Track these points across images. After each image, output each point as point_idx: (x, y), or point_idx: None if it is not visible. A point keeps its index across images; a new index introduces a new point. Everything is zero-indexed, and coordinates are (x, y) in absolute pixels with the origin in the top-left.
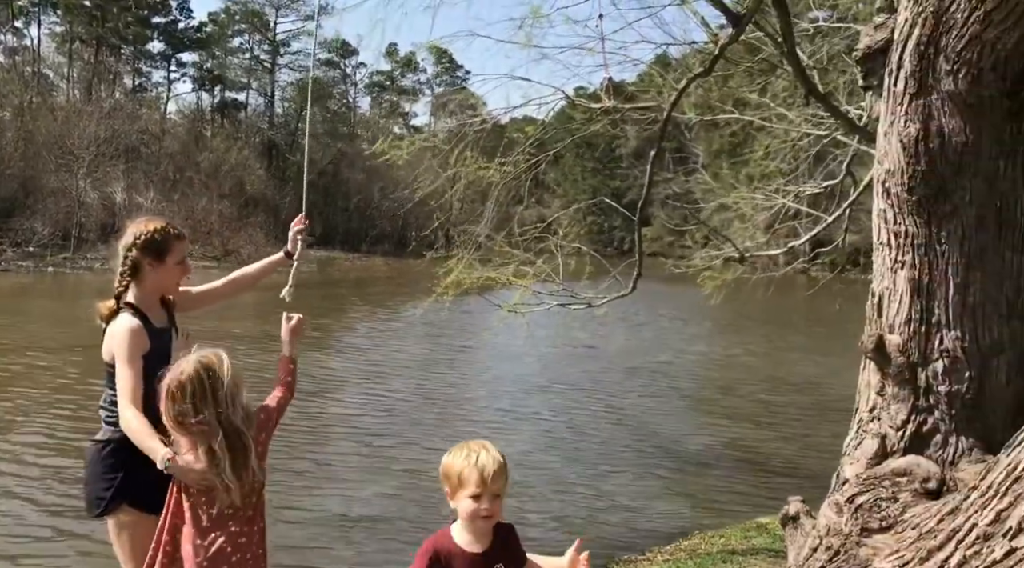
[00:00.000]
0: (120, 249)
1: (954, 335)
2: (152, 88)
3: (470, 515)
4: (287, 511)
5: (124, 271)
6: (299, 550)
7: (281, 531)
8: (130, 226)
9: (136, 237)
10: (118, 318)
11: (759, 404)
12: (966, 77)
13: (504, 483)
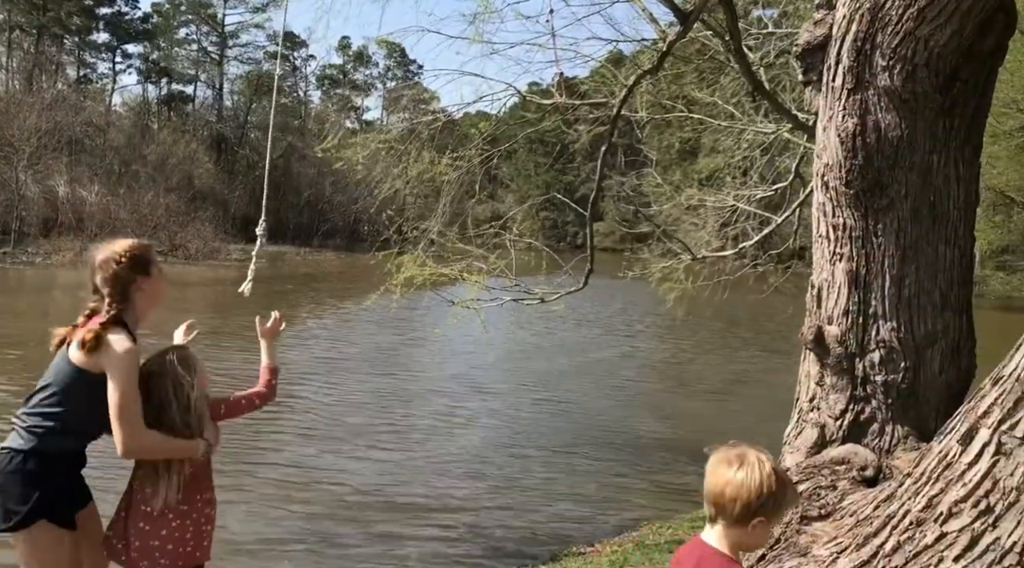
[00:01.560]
0: (101, 276)
1: (890, 326)
2: (97, 80)
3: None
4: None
5: (114, 294)
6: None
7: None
8: (101, 252)
9: (120, 257)
10: (112, 337)
11: (705, 398)
12: (901, 73)
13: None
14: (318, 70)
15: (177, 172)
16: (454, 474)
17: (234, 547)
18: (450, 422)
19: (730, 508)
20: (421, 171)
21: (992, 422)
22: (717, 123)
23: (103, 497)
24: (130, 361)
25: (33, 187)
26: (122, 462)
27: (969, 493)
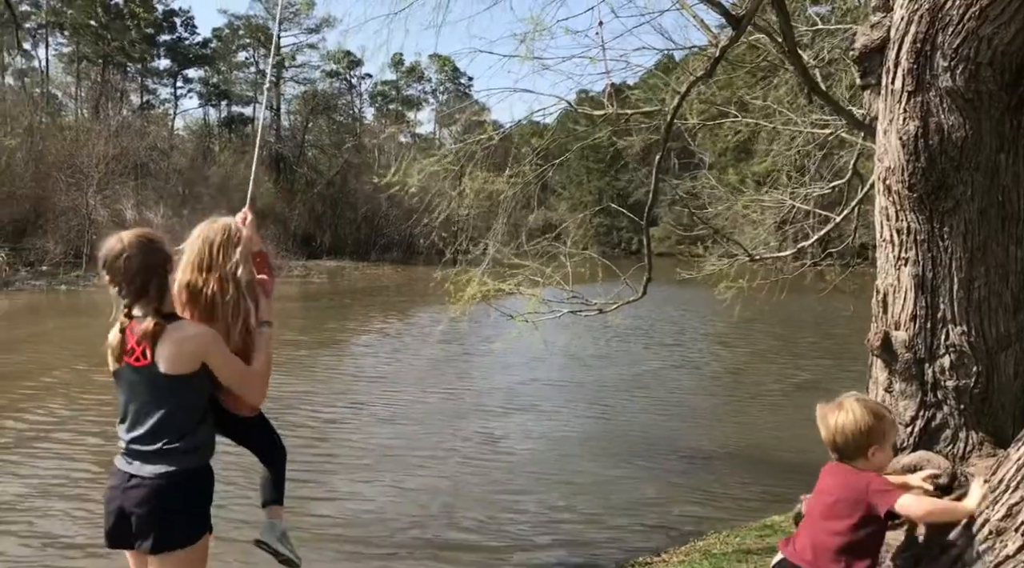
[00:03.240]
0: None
1: (960, 330)
2: (159, 105)
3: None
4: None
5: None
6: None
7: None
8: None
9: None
10: (181, 326)
11: (765, 406)
12: (963, 73)
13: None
14: (371, 88)
15: (238, 192)
16: (512, 488)
17: None
18: (506, 435)
19: (845, 448)
20: (477, 190)
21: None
22: (771, 125)
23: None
24: (217, 337)
25: (102, 211)
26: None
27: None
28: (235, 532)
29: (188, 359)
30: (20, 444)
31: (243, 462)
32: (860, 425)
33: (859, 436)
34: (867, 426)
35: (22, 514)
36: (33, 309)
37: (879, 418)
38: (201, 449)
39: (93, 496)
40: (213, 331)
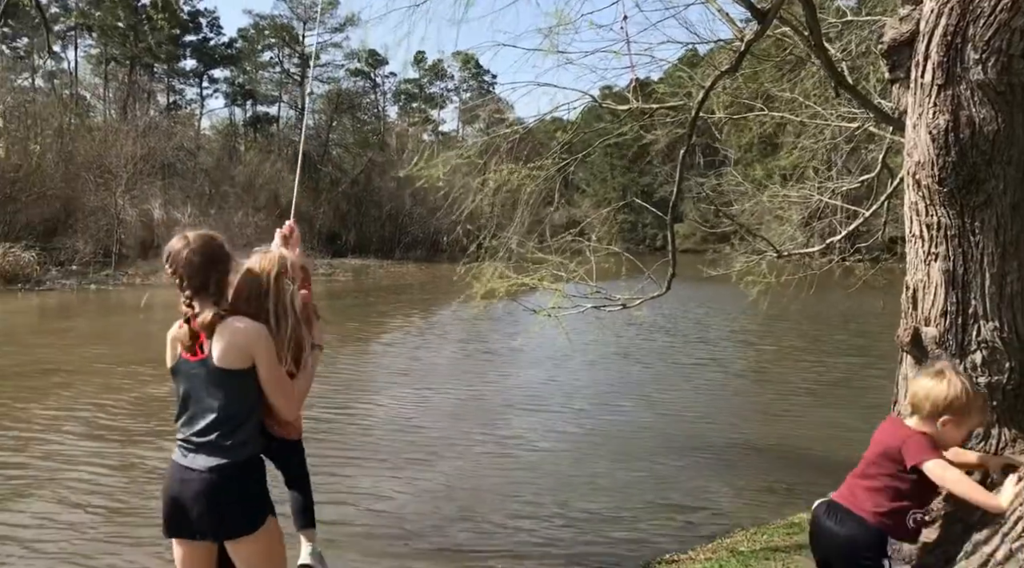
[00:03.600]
0: (201, 264)
1: (992, 326)
2: (186, 105)
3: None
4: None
5: (207, 281)
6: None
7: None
8: (185, 239)
9: (217, 245)
10: (237, 322)
11: (792, 403)
12: (995, 65)
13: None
14: (394, 86)
15: (264, 191)
16: (538, 483)
17: None
18: (526, 433)
19: (922, 406)
20: (500, 184)
21: None
22: (798, 119)
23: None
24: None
25: (130, 211)
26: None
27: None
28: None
29: (239, 352)
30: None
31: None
32: (947, 393)
33: (940, 402)
34: (953, 397)
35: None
36: (63, 308)
37: (970, 400)
38: (252, 442)
39: (118, 494)
40: (262, 328)
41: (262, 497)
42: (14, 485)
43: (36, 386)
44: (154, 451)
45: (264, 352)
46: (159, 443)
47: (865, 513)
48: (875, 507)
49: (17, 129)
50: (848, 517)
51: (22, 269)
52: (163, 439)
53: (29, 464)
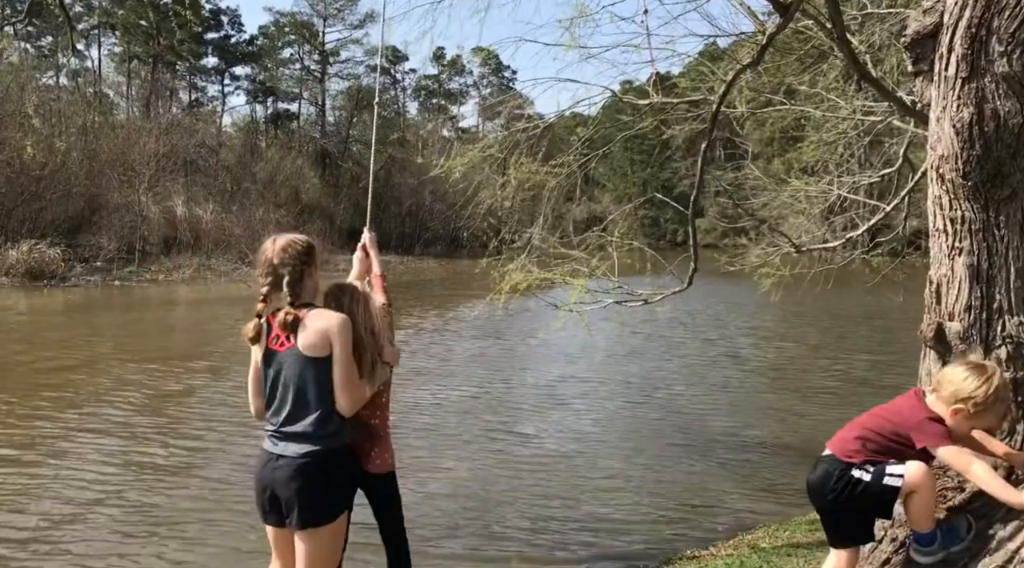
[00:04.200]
0: (284, 263)
1: (1017, 321)
2: (207, 102)
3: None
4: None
5: (296, 279)
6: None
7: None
8: (279, 242)
9: (303, 247)
10: (321, 314)
11: (813, 399)
12: (1021, 58)
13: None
14: (414, 82)
15: (285, 188)
16: (555, 480)
17: None
18: (549, 426)
19: (943, 389)
20: (521, 179)
21: None
22: (820, 113)
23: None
24: (350, 330)
25: (153, 208)
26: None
27: None
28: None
29: (321, 339)
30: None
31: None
32: (973, 387)
33: (961, 391)
34: (975, 392)
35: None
36: (88, 304)
37: (992, 401)
38: (339, 433)
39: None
40: (346, 319)
41: (346, 489)
42: (22, 484)
43: (54, 382)
44: (159, 448)
45: (341, 338)
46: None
47: (840, 454)
48: (852, 455)
49: (42, 127)
50: (821, 461)
51: (47, 266)
52: (171, 437)
53: (40, 462)
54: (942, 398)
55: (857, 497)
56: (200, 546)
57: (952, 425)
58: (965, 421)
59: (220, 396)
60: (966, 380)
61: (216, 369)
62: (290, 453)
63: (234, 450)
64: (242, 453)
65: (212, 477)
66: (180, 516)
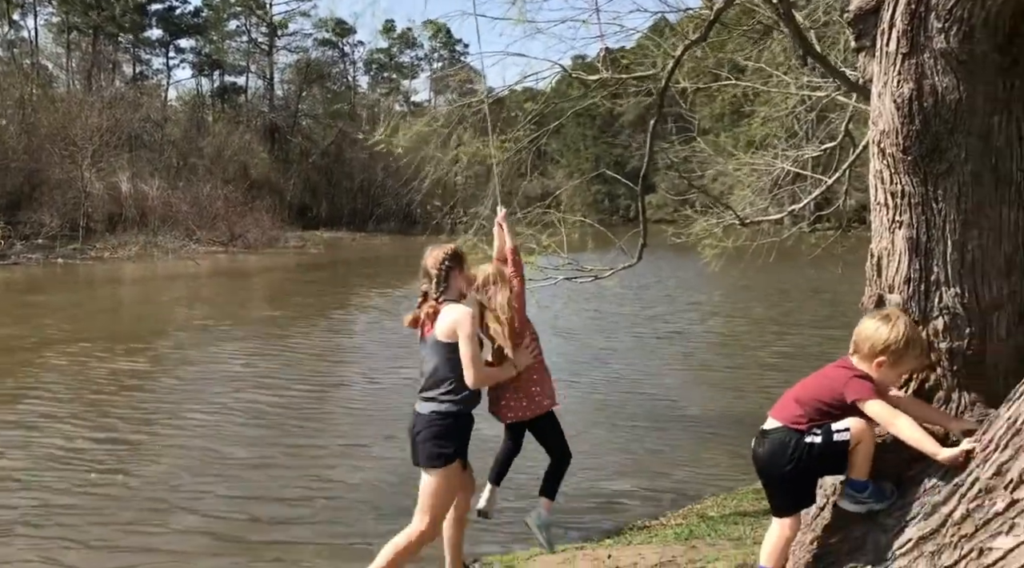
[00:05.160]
0: (431, 268)
1: (954, 292)
2: (152, 75)
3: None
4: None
5: (440, 279)
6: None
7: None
8: (432, 251)
9: (446, 254)
10: (452, 308)
11: (761, 370)
12: (957, 34)
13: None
14: (365, 55)
15: (233, 163)
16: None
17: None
18: None
19: (862, 346)
20: (470, 154)
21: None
22: (765, 89)
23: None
24: (472, 320)
25: (97, 184)
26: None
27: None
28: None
29: (449, 329)
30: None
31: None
32: (887, 336)
33: (878, 343)
34: (892, 340)
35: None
36: (30, 283)
37: (908, 343)
38: (461, 400)
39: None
40: (470, 312)
41: (452, 445)
42: None
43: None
44: (85, 442)
45: (464, 328)
46: (90, 434)
47: (786, 421)
48: (798, 421)
49: None
50: (768, 435)
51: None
52: (97, 430)
53: None
54: (864, 356)
55: (815, 459)
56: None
57: (880, 378)
58: (890, 370)
59: (156, 384)
60: (878, 331)
61: (157, 354)
62: (421, 410)
63: (157, 443)
64: (164, 445)
65: (138, 473)
66: (76, 514)
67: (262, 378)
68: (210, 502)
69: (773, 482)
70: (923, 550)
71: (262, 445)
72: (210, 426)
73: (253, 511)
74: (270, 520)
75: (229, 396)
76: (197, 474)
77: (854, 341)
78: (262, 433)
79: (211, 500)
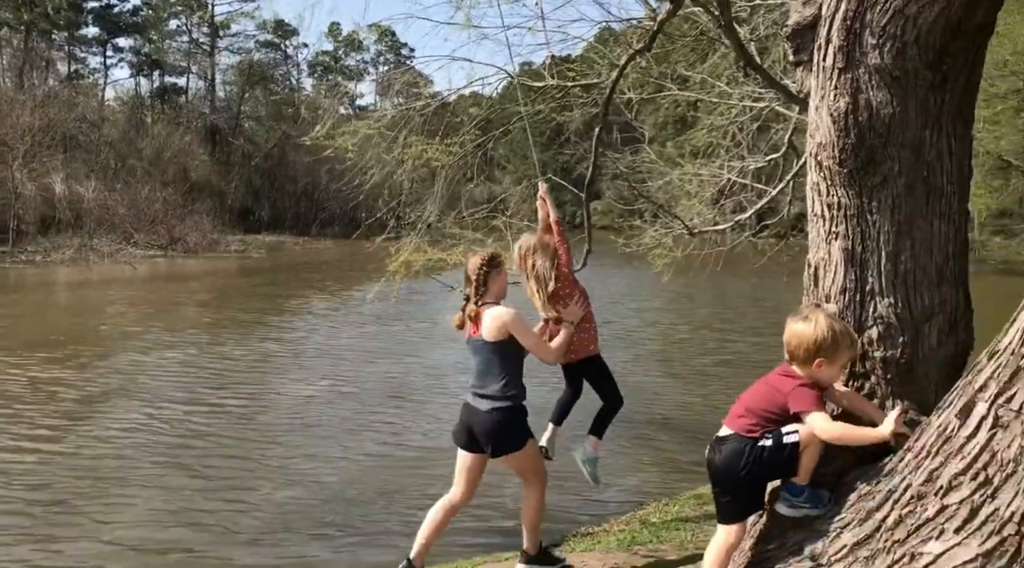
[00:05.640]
0: (471, 273)
1: (887, 302)
2: (88, 74)
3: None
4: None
5: (479, 283)
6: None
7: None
8: (471, 257)
9: (483, 260)
10: (494, 309)
11: (704, 377)
12: (891, 51)
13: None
14: (310, 57)
15: (173, 165)
16: (441, 469)
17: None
18: (445, 408)
19: (796, 352)
20: (415, 157)
21: (989, 395)
22: (709, 99)
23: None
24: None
25: (29, 185)
26: None
27: (968, 466)
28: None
29: (495, 331)
30: None
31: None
32: (815, 336)
33: (810, 346)
34: (821, 339)
35: None
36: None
37: (836, 337)
38: (515, 396)
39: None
40: (515, 312)
41: (521, 436)
42: None
43: None
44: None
45: (516, 328)
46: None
47: (739, 430)
48: (752, 429)
49: None
50: (723, 443)
51: None
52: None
53: None
54: (801, 361)
55: (767, 463)
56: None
57: (822, 376)
58: (829, 367)
59: (78, 393)
60: (803, 333)
61: (83, 362)
62: (481, 407)
63: (74, 456)
64: (81, 458)
65: (54, 487)
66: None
67: (190, 388)
68: (126, 517)
69: (727, 488)
70: (857, 555)
71: (184, 459)
72: (129, 439)
73: (170, 532)
74: (187, 541)
75: (152, 407)
76: (117, 487)
77: (787, 349)
78: (183, 449)
79: (129, 514)
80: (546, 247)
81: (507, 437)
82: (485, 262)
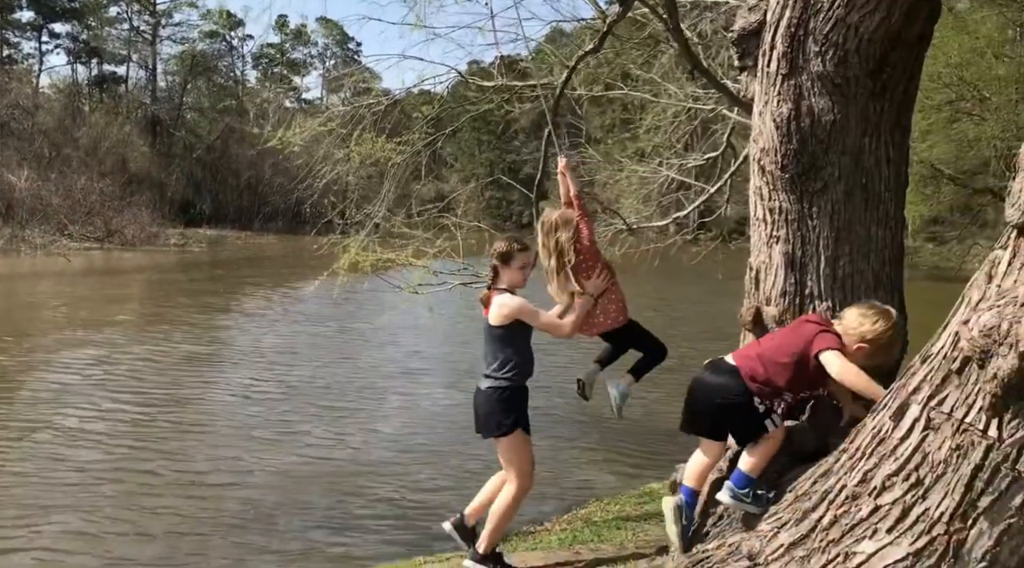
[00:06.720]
0: (492, 260)
1: (825, 305)
2: (22, 60)
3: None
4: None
5: (493, 271)
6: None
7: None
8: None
9: (494, 253)
10: (502, 296)
11: (645, 380)
12: (833, 59)
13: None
14: (255, 49)
15: (111, 155)
16: (392, 459)
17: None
18: (387, 409)
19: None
20: (365, 155)
21: (922, 398)
22: (655, 99)
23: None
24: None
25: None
26: None
27: (901, 467)
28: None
29: (499, 316)
30: None
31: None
32: (879, 326)
33: (865, 331)
34: (881, 332)
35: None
36: None
37: (891, 341)
38: (513, 376)
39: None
40: (521, 300)
41: (511, 416)
42: None
43: None
44: None
45: (525, 314)
46: None
47: (743, 369)
48: (752, 372)
49: None
50: (725, 369)
51: None
52: None
53: None
54: (847, 334)
55: (739, 417)
56: None
57: (851, 356)
58: (864, 358)
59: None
60: (876, 323)
61: (0, 362)
62: (482, 386)
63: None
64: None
65: None
66: None
67: (115, 390)
68: (43, 532)
69: (699, 405)
70: (794, 555)
71: (102, 469)
72: (47, 444)
73: (87, 544)
74: (106, 557)
75: (76, 410)
76: (30, 499)
77: (844, 322)
78: (102, 455)
79: (44, 529)
80: (568, 222)
81: (493, 417)
82: (496, 255)
